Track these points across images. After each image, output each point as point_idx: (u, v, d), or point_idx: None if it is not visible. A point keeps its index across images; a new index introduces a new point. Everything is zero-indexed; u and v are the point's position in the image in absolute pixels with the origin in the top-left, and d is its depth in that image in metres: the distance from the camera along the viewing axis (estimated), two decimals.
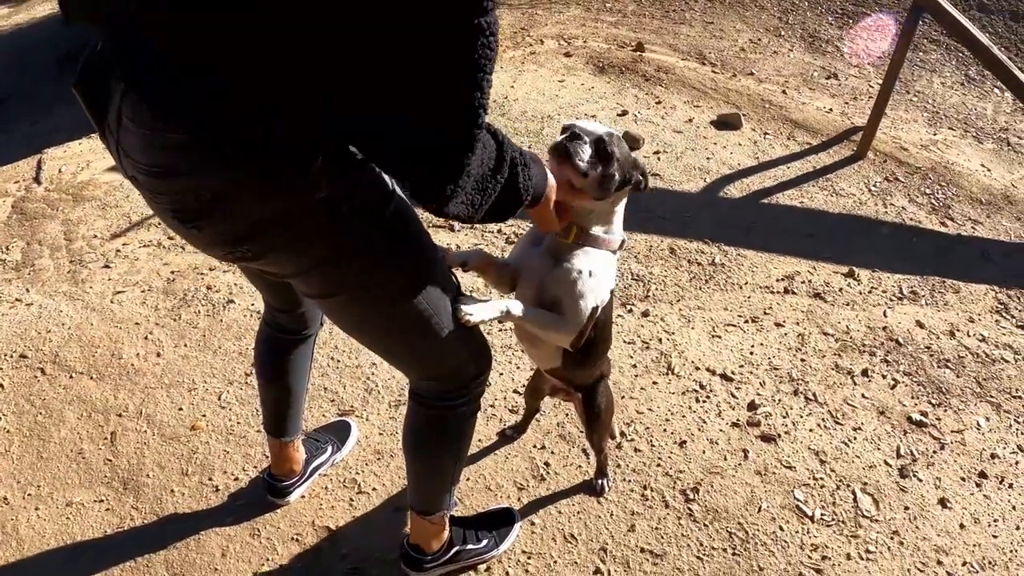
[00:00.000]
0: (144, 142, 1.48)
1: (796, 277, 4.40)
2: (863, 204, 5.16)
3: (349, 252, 1.70)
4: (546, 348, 2.41)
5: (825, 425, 3.41)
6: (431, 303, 1.92)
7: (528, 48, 7.19)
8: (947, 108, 6.86)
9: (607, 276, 2.29)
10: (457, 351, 2.10)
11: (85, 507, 2.92)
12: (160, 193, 1.55)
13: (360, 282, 1.79)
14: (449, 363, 2.12)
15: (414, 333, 1.97)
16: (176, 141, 1.45)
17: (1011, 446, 3.42)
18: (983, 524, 3.06)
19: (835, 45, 7.73)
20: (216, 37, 1.34)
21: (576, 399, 2.71)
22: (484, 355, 2.21)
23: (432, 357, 2.09)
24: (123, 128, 1.51)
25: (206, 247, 1.69)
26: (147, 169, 1.51)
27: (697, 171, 5.36)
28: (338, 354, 3.58)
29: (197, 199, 1.50)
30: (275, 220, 1.56)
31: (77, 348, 3.62)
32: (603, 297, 2.30)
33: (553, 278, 2.23)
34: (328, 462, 3.04)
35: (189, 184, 1.49)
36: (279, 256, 1.68)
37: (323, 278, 1.76)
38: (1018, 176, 5.89)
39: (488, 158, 1.57)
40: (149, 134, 1.46)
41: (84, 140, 5.63)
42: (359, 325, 1.98)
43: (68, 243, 4.38)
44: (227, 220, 1.55)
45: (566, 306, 2.23)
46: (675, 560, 2.82)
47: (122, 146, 1.54)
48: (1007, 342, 4.03)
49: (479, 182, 1.56)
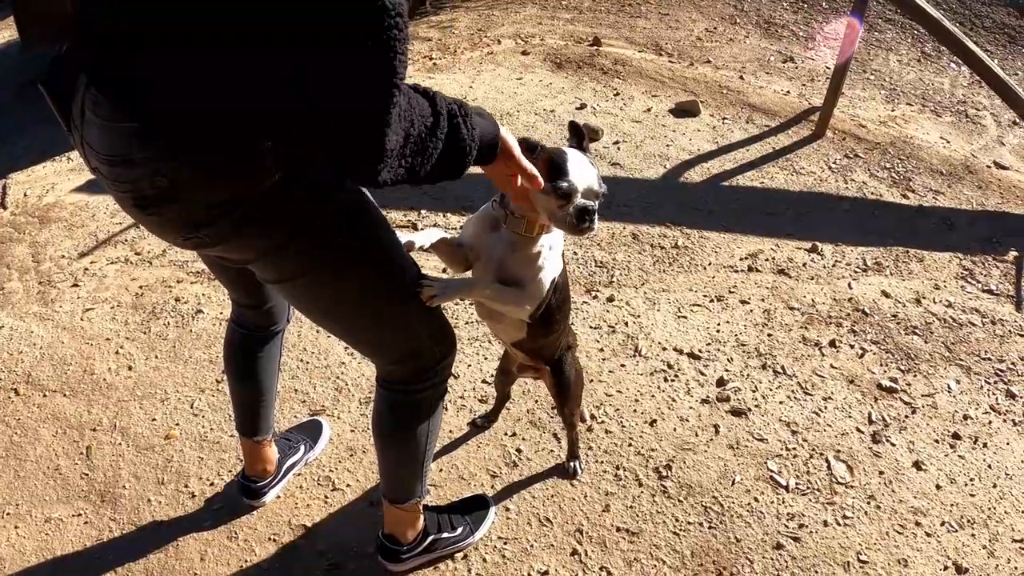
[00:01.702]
0: (104, 132, 1.53)
1: (759, 255, 4.43)
2: (823, 181, 5.20)
3: (305, 234, 1.72)
4: (509, 321, 2.42)
5: (795, 397, 3.44)
6: (391, 283, 1.95)
7: (486, 48, 7.22)
8: (904, 84, 6.92)
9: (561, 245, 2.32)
10: (419, 333, 2.12)
11: (64, 522, 2.92)
12: (119, 181, 1.58)
13: (318, 264, 1.81)
14: (411, 345, 2.14)
15: (375, 314, 2.00)
16: (132, 130, 1.50)
17: (983, 407, 3.47)
18: (959, 484, 3.10)
19: (790, 30, 7.78)
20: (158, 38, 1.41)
21: (545, 373, 2.73)
22: (447, 337, 2.23)
23: (394, 339, 2.11)
24: (86, 121, 1.56)
25: (166, 233, 1.71)
26: (107, 159, 1.55)
27: (657, 158, 5.39)
28: (307, 356, 3.59)
29: (153, 186, 1.54)
30: (230, 205, 1.59)
31: (49, 367, 3.62)
32: (560, 265, 2.33)
33: (514, 260, 2.23)
34: (302, 461, 3.05)
35: (146, 172, 1.53)
36: (237, 241, 1.69)
37: (281, 262, 1.78)
38: (978, 146, 5.95)
39: (421, 116, 1.57)
40: (108, 124, 1.52)
41: (48, 163, 5.62)
42: (321, 308, 2.00)
43: (36, 265, 4.38)
44: (184, 206, 1.58)
45: (529, 282, 2.24)
46: (651, 537, 2.84)
47: (85, 139, 1.59)
48: (974, 306, 4.08)
49: (417, 143, 1.57)
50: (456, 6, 8.85)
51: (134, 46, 1.44)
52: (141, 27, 1.42)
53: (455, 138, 1.68)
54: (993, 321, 3.99)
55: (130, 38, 1.44)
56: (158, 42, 1.41)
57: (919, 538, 2.88)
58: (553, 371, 2.69)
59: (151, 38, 1.42)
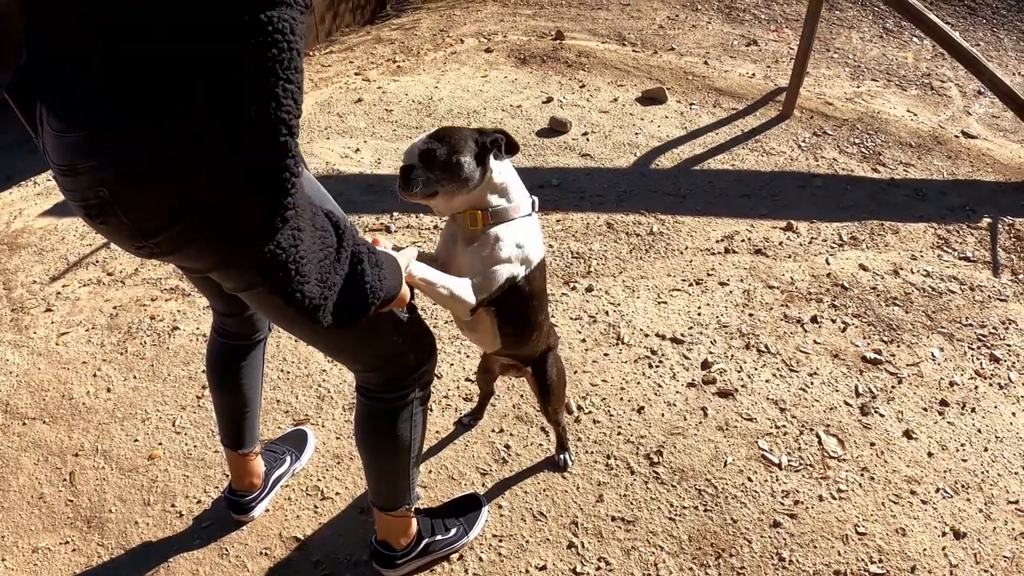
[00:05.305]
0: (54, 143, 1.54)
1: (735, 236, 4.43)
2: (794, 160, 5.21)
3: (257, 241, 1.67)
4: (483, 331, 2.40)
5: (781, 374, 3.44)
6: None
7: (449, 48, 7.20)
8: (868, 61, 6.95)
9: (532, 242, 2.27)
10: (391, 339, 2.10)
11: (51, 551, 2.88)
12: (69, 190, 1.59)
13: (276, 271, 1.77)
14: (385, 352, 2.12)
15: None
16: (74, 141, 1.50)
17: (968, 372, 3.48)
18: (951, 450, 3.11)
19: (752, 13, 7.81)
20: (92, 51, 1.41)
21: (527, 373, 2.70)
22: (423, 343, 2.21)
23: (364, 346, 2.09)
24: (44, 131, 1.58)
25: (120, 241, 1.69)
26: (58, 168, 1.56)
27: (627, 147, 5.39)
28: (287, 365, 3.56)
29: (97, 195, 1.53)
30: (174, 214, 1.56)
31: (27, 394, 3.57)
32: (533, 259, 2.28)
33: (463, 253, 2.23)
34: (288, 472, 3.01)
35: (89, 181, 1.52)
36: (188, 250, 1.66)
37: (238, 271, 1.74)
38: (945, 117, 5.98)
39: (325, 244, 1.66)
40: (56, 135, 1.52)
41: (14, 189, 5.56)
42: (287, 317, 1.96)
43: (8, 292, 4.33)
44: (128, 215, 1.56)
45: (475, 275, 2.20)
46: (647, 524, 2.83)
47: (45, 148, 1.60)
48: (952, 274, 4.09)
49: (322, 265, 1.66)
50: (417, 7, 8.86)
51: (68, 59, 1.45)
52: (74, 41, 1.43)
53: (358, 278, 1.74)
54: (972, 287, 4.00)
55: (64, 51, 1.45)
56: (90, 55, 1.41)
57: (915, 506, 2.88)
58: (535, 371, 2.68)
59: (82, 51, 1.42)
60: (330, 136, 5.69)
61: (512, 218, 2.23)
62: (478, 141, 2.15)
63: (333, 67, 7.22)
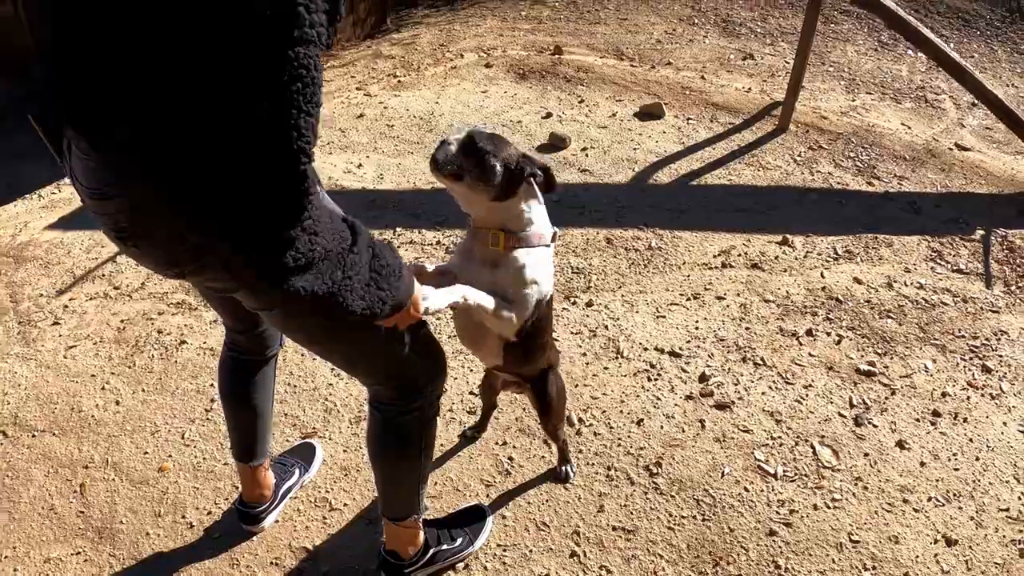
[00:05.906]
0: (84, 167, 1.57)
1: (732, 251, 4.49)
2: (790, 174, 5.28)
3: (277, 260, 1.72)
4: (487, 347, 2.46)
5: (776, 387, 3.50)
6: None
7: (449, 63, 7.26)
8: (863, 74, 7.02)
9: (547, 271, 2.33)
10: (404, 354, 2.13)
11: (63, 561, 2.92)
12: (100, 214, 1.62)
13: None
14: (397, 366, 2.16)
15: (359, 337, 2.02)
16: (103, 163, 1.54)
17: (960, 383, 3.54)
18: (943, 459, 3.17)
19: (748, 27, 7.87)
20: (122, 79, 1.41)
21: (528, 390, 2.76)
22: (434, 359, 2.27)
23: (378, 360, 2.14)
24: (73, 155, 1.60)
25: (152, 265, 1.74)
26: (89, 191, 1.59)
27: (625, 162, 5.45)
28: (294, 379, 3.61)
29: (128, 220, 1.58)
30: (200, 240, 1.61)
31: (36, 407, 3.62)
32: (545, 291, 2.34)
33: (498, 275, 2.26)
34: (297, 484, 3.07)
35: (120, 205, 1.57)
36: (217, 273, 1.72)
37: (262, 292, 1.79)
38: (939, 130, 6.04)
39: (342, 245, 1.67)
40: (86, 159, 1.56)
41: (18, 202, 5.60)
42: (306, 335, 2.02)
43: (15, 305, 4.37)
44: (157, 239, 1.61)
45: (514, 294, 2.26)
46: (647, 533, 2.89)
47: (73, 172, 1.63)
48: (945, 286, 4.16)
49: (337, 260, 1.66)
50: (417, 22, 8.90)
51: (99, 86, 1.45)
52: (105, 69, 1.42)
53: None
54: (964, 299, 4.07)
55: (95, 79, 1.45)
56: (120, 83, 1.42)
57: (908, 515, 2.95)
58: (535, 388, 2.72)
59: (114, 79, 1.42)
60: (332, 151, 5.75)
61: (533, 245, 2.28)
62: (519, 163, 2.20)
63: (334, 82, 7.27)
